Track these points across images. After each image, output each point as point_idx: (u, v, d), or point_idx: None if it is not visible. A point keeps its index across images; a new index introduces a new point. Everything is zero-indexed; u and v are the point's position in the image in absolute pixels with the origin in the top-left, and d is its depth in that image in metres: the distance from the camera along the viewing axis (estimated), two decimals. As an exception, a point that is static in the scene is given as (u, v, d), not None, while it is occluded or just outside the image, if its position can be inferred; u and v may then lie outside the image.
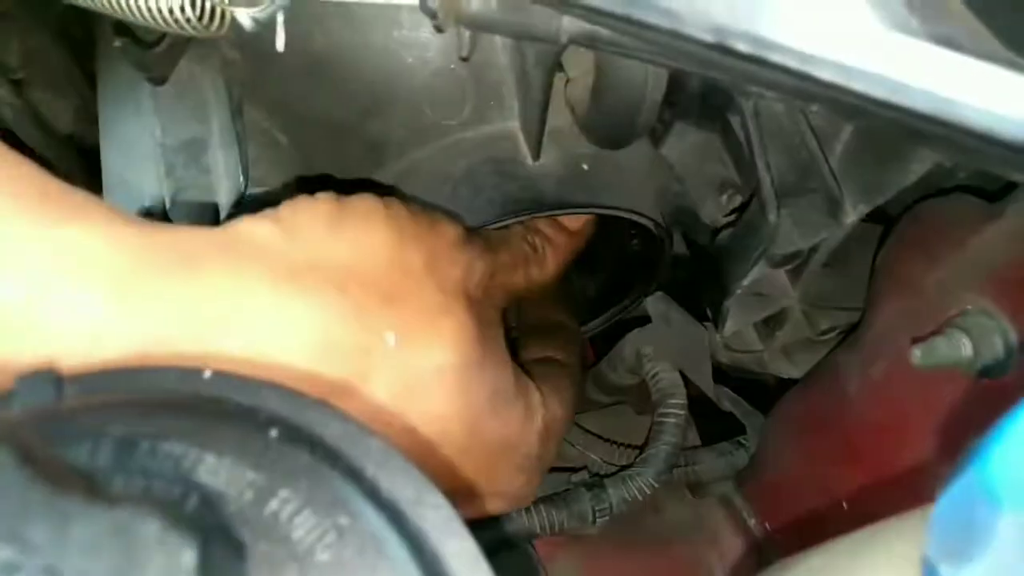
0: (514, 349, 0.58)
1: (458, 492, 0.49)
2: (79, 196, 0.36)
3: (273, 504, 0.25)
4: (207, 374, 0.29)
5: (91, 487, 0.21)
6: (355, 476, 0.27)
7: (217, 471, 0.25)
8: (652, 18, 0.32)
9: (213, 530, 0.22)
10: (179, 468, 0.25)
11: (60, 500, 0.19)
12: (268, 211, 0.42)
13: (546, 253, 0.62)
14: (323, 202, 0.43)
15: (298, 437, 0.28)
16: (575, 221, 0.65)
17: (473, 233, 0.53)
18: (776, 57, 0.32)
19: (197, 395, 0.29)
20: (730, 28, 0.32)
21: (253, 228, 0.40)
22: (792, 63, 0.31)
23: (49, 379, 0.27)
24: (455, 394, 0.45)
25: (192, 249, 0.37)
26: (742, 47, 0.32)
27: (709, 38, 0.32)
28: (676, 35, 0.33)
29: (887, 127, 0.35)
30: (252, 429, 0.27)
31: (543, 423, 0.54)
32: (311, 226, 0.41)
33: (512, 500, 0.55)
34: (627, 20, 0.33)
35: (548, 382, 0.57)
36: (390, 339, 0.41)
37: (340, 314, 0.39)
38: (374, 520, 0.26)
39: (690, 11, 0.32)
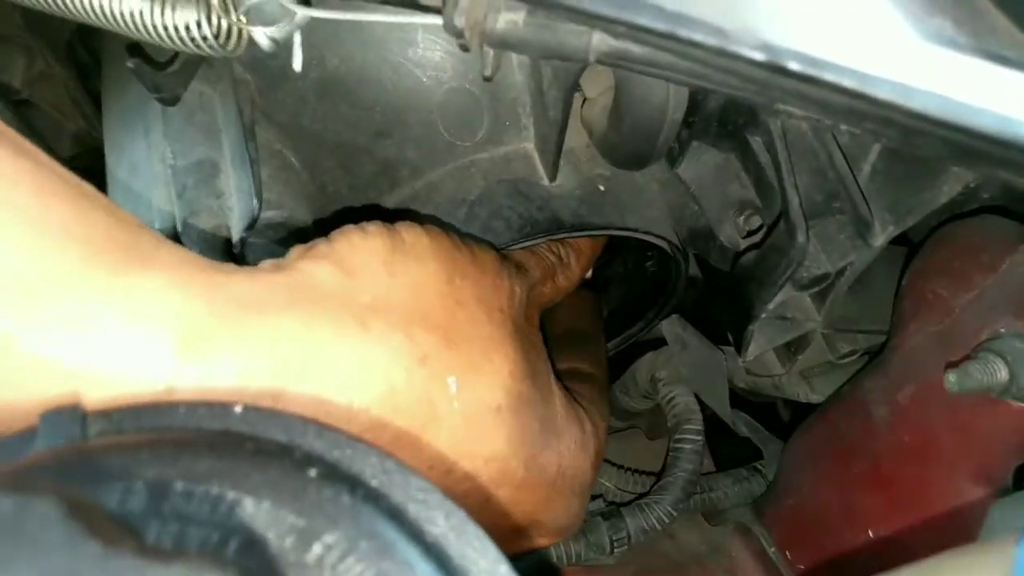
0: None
1: (517, 529, 0.48)
2: (148, 239, 0.35)
3: (317, 549, 0.23)
4: (238, 409, 0.28)
5: (141, 541, 0.19)
6: (398, 517, 0.26)
7: (256, 515, 0.23)
8: (699, 36, 0.31)
9: (264, 583, 0.21)
10: (216, 512, 0.23)
11: (113, 557, 0.17)
12: (321, 245, 0.41)
13: (571, 259, 0.61)
14: (375, 236, 0.42)
15: (337, 475, 0.26)
16: None
17: (504, 255, 0.52)
18: (829, 76, 0.30)
19: (229, 432, 0.27)
20: (780, 46, 0.31)
21: (315, 270, 0.39)
22: (847, 82, 0.30)
23: (74, 416, 0.26)
24: (513, 432, 0.44)
25: (258, 295, 0.36)
26: (794, 66, 0.30)
27: (759, 56, 0.31)
28: (723, 53, 0.31)
29: (937, 146, 0.33)
30: (290, 468, 0.25)
31: (595, 449, 0.53)
32: (369, 264, 0.41)
33: (566, 530, 0.53)
34: (672, 38, 0.32)
35: (584, 399, 0.56)
36: (452, 385, 0.41)
37: (407, 364, 0.39)
38: (420, 566, 0.24)
39: (738, 29, 0.31)
